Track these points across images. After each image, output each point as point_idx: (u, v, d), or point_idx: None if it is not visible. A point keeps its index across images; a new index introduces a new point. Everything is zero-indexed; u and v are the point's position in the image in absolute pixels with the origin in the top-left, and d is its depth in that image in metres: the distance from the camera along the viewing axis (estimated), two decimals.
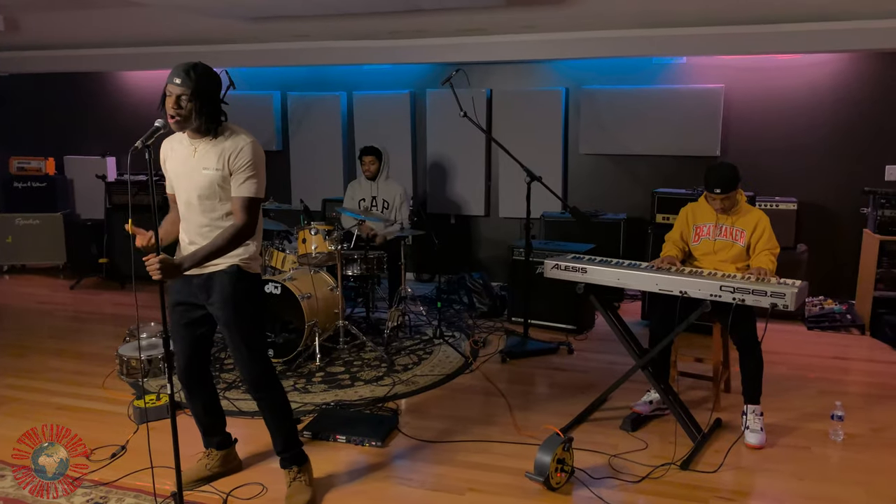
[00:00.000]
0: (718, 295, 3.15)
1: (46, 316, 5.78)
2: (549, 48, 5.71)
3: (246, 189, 2.66)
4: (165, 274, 2.50)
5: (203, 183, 2.65)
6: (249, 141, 2.66)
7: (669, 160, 5.93)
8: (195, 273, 2.72)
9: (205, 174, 2.64)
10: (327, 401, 3.87)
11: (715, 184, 3.57)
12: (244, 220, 2.66)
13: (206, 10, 4.95)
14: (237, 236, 2.65)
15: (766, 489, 3.00)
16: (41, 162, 7.14)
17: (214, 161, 2.64)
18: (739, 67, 5.71)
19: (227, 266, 2.72)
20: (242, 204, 2.66)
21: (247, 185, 2.66)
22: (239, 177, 2.65)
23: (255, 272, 2.81)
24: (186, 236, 2.78)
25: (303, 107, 6.83)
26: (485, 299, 5.59)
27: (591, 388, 4.03)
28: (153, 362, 4.23)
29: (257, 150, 2.68)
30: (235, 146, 2.63)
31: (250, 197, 2.66)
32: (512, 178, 6.23)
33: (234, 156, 2.63)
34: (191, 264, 2.60)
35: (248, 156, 2.64)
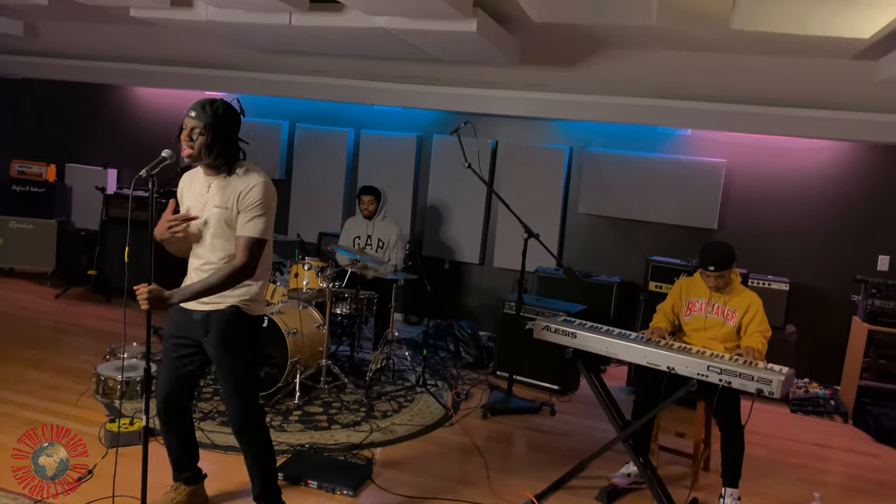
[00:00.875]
0: (705, 374, 3.14)
1: (28, 323, 5.71)
2: (556, 108, 5.79)
3: (251, 229, 2.63)
4: (153, 304, 2.48)
5: (213, 220, 2.65)
6: (261, 181, 2.65)
7: (667, 228, 5.98)
8: (196, 308, 2.70)
9: (215, 212, 2.65)
10: (302, 442, 3.81)
11: (709, 261, 3.59)
12: (244, 260, 2.62)
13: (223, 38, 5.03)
14: (233, 276, 2.61)
15: None
16: (42, 167, 7.13)
17: (225, 199, 2.64)
18: (743, 144, 5.79)
19: (226, 306, 2.69)
20: (245, 244, 2.63)
21: (252, 224, 2.63)
22: (246, 215, 2.63)
23: (256, 314, 2.77)
24: (194, 270, 2.76)
25: (310, 139, 6.88)
26: (471, 349, 5.56)
27: (571, 454, 3.98)
28: (131, 384, 4.16)
29: (269, 190, 2.66)
30: (247, 185, 2.63)
31: (255, 237, 2.63)
32: (509, 229, 6.25)
33: (243, 194, 2.62)
34: (180, 299, 2.57)
35: (258, 195, 2.62)
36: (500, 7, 3.99)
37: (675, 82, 5.11)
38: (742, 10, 3.13)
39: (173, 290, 2.59)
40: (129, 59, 6.66)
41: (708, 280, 3.64)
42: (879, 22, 2.99)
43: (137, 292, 2.47)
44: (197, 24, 4.45)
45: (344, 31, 4.21)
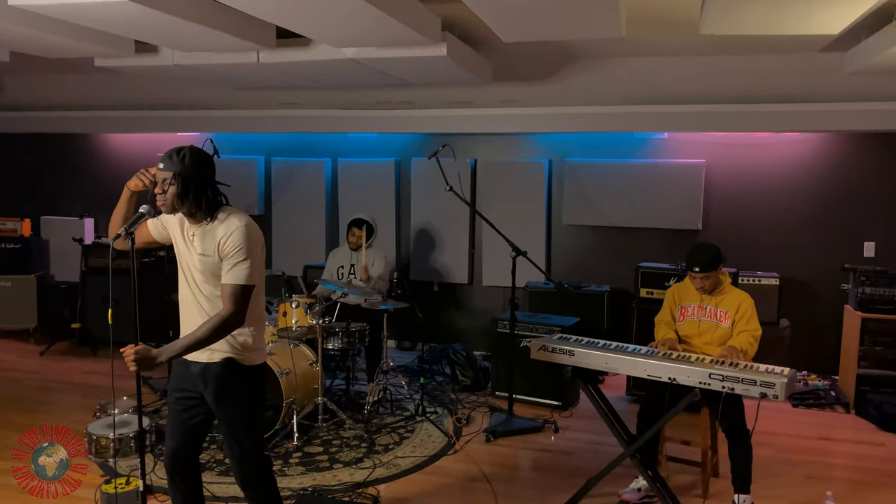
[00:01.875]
0: (707, 383, 3.11)
1: (13, 384, 5.56)
2: (532, 122, 5.79)
3: (234, 276, 2.54)
4: (141, 365, 2.41)
5: (200, 269, 2.59)
6: (241, 224, 2.56)
7: (652, 233, 5.97)
8: (194, 360, 2.63)
9: (202, 260, 2.58)
10: (305, 486, 3.72)
11: (695, 263, 3.58)
12: (230, 309, 2.53)
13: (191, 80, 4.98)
14: (221, 327, 2.52)
15: None
16: (17, 222, 7.01)
17: (206, 247, 2.58)
18: (720, 143, 5.82)
19: (219, 358, 2.62)
20: (230, 291, 2.54)
21: (235, 271, 2.54)
22: (228, 262, 2.54)
23: (253, 364, 2.69)
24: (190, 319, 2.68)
25: (287, 172, 6.82)
26: (468, 371, 5.50)
27: (578, 472, 3.91)
28: (124, 441, 4.04)
29: (251, 233, 2.57)
30: (226, 231, 2.56)
31: (239, 284, 2.54)
32: (496, 247, 6.20)
33: (223, 241, 2.55)
34: (168, 356, 2.50)
35: (238, 240, 2.53)
36: (469, 29, 3.98)
37: (649, 88, 5.13)
38: (710, 15, 3.13)
39: (161, 348, 2.51)
40: (97, 106, 6.59)
41: (695, 282, 3.62)
42: (849, 17, 3.00)
43: (124, 354, 2.39)
44: (164, 70, 4.40)
45: (312, 64, 4.17)
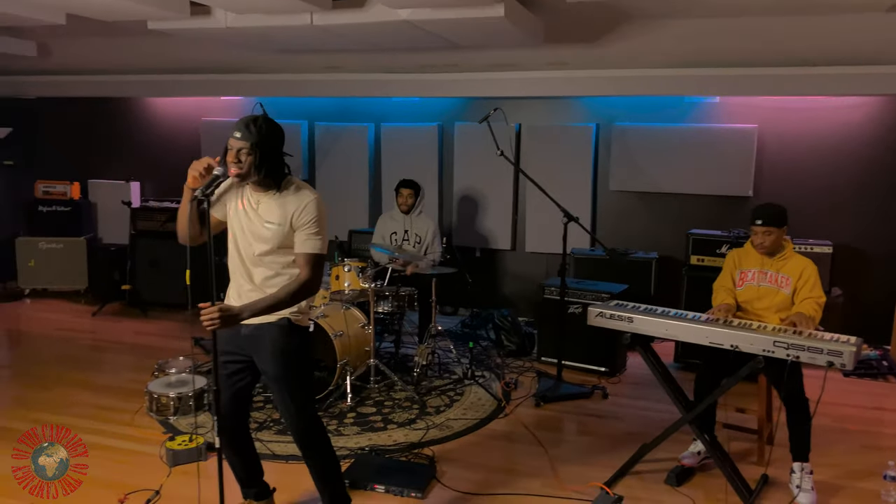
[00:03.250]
0: (771, 350, 3.07)
1: (67, 344, 5.72)
2: (580, 85, 5.68)
3: (311, 245, 2.63)
4: (224, 323, 2.44)
5: (266, 237, 2.62)
6: (314, 197, 2.64)
7: (701, 199, 5.88)
8: (244, 323, 2.67)
9: (268, 228, 2.61)
10: (362, 445, 3.79)
11: (758, 215, 3.54)
12: (310, 275, 2.62)
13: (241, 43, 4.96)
14: (301, 291, 2.60)
15: None
16: (66, 186, 7.13)
17: (278, 216, 2.61)
18: (773, 108, 5.67)
19: (277, 319, 2.66)
20: (308, 260, 2.63)
21: (312, 240, 2.63)
22: (303, 232, 2.62)
23: (305, 325, 2.75)
24: (239, 287, 2.72)
25: (330, 137, 6.82)
26: (513, 337, 5.52)
27: (630, 438, 3.93)
28: (183, 400, 4.16)
29: (321, 206, 2.66)
30: (300, 202, 2.60)
31: (316, 253, 2.63)
32: (540, 213, 6.19)
33: (298, 212, 2.60)
34: (250, 314, 2.54)
35: (314, 212, 2.62)
36: None
37: (701, 50, 4.99)
38: None
39: (243, 306, 2.56)
40: (141, 70, 6.61)
41: (756, 237, 3.56)
42: None
43: (204, 312, 2.42)
44: (216, 33, 4.39)
45: (365, 26, 4.13)
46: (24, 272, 6.99)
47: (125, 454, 3.71)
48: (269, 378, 2.71)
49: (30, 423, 4.07)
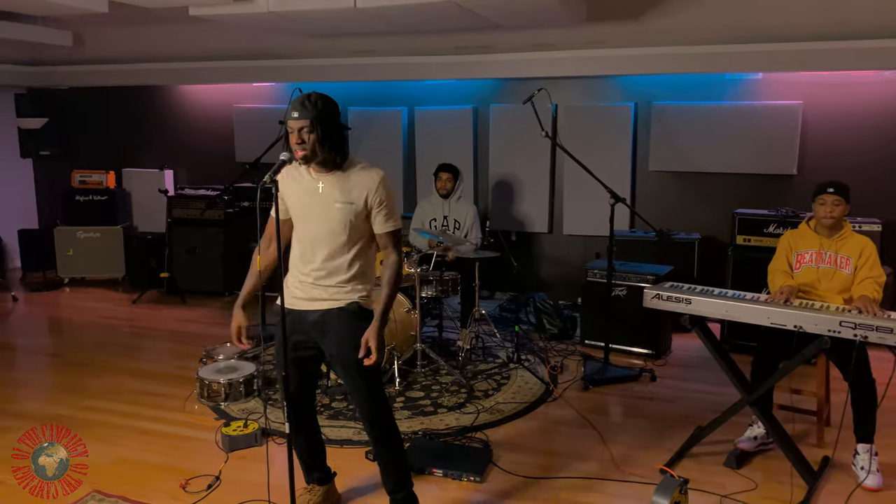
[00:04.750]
0: (837, 331, 3.01)
1: (110, 331, 5.77)
2: (618, 64, 5.59)
3: (392, 224, 2.67)
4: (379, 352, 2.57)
5: (335, 217, 2.58)
6: (383, 175, 2.64)
7: (742, 178, 5.78)
8: (310, 308, 2.66)
9: (337, 208, 2.58)
10: (414, 429, 3.79)
11: (829, 183, 3.48)
12: (397, 252, 2.69)
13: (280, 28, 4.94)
14: (398, 272, 2.68)
15: None
16: (102, 175, 7.17)
17: (347, 194, 2.58)
18: (818, 83, 5.54)
19: (346, 303, 2.64)
20: (391, 239, 2.68)
21: (393, 219, 2.67)
22: (382, 212, 2.64)
23: (371, 308, 2.74)
24: (304, 269, 2.69)
25: (363, 121, 6.78)
26: (555, 320, 5.48)
27: (683, 420, 3.90)
28: (234, 386, 4.18)
29: (389, 183, 2.66)
30: (371, 181, 2.58)
31: (398, 230, 2.69)
32: (578, 194, 6.13)
33: (373, 192, 2.59)
34: (383, 322, 2.62)
35: (387, 191, 2.64)
36: None
37: (743, 25, 4.89)
38: None
39: (373, 325, 2.59)
40: (174, 58, 6.62)
41: (823, 208, 3.47)
42: None
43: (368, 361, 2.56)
44: (257, 17, 4.37)
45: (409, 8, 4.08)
46: (62, 261, 7.06)
47: (181, 440, 3.73)
48: (339, 362, 2.70)
49: (83, 410, 4.13)
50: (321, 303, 2.67)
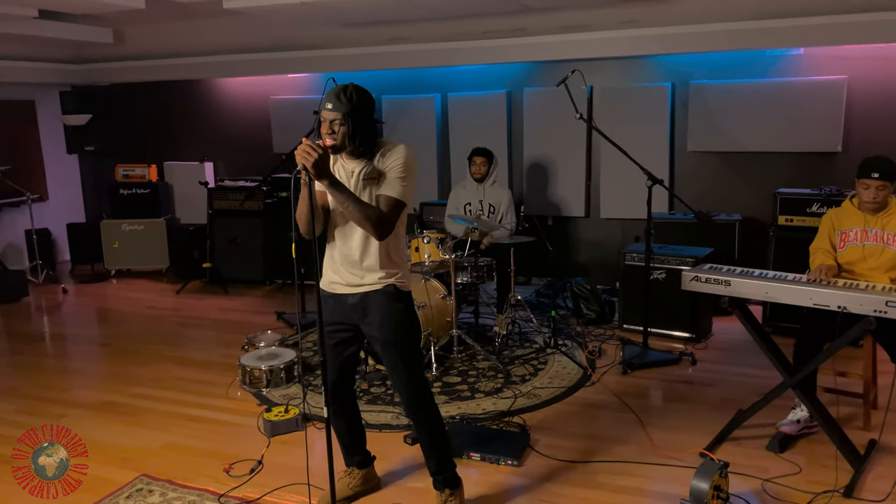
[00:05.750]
0: (884, 311, 2.92)
1: (156, 321, 5.93)
2: (654, 43, 5.49)
3: (392, 189, 2.58)
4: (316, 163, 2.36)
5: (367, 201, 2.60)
6: (405, 146, 2.63)
7: (784, 157, 5.64)
8: (349, 292, 2.69)
9: (368, 192, 2.60)
10: (452, 414, 3.81)
11: (874, 168, 3.35)
12: (386, 213, 2.57)
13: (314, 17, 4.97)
14: (375, 218, 2.53)
15: None
16: (145, 169, 7.35)
17: (376, 178, 2.60)
18: (863, 57, 5.36)
19: (383, 286, 2.67)
20: (386, 202, 2.58)
21: (394, 184, 2.58)
22: (388, 176, 2.59)
23: (408, 290, 2.76)
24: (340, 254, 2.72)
25: (397, 110, 6.80)
26: (592, 305, 5.44)
27: (724, 404, 3.85)
28: (275, 372, 4.26)
29: (412, 155, 2.62)
30: (395, 155, 2.60)
31: (396, 197, 2.58)
32: (615, 177, 6.06)
33: (385, 158, 2.59)
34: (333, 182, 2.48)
35: (403, 158, 2.59)
36: None
37: None
38: None
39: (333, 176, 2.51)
40: (213, 51, 6.72)
41: (868, 192, 3.36)
42: None
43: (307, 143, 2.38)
44: (291, 8, 4.40)
45: None
46: (109, 254, 7.27)
47: (225, 426, 3.83)
48: (378, 344, 2.73)
49: (131, 397, 4.26)
50: (359, 287, 2.70)
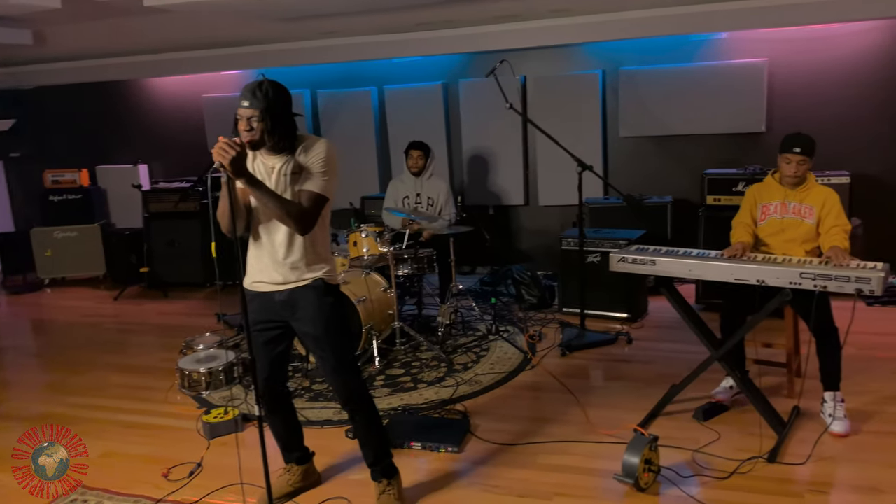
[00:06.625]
0: (798, 282, 3.07)
1: (94, 329, 5.79)
2: (584, 31, 5.59)
3: (315, 184, 2.57)
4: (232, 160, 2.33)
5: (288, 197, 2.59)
6: (326, 141, 2.63)
7: (713, 139, 5.82)
8: (277, 289, 2.68)
9: (289, 188, 2.59)
10: (394, 406, 3.84)
11: (795, 143, 3.48)
12: (308, 209, 2.55)
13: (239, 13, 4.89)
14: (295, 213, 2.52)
15: (860, 480, 2.93)
16: (75, 174, 7.14)
17: (296, 173, 2.59)
18: (782, 40, 5.56)
19: (311, 281, 2.67)
20: (308, 196, 2.56)
21: (317, 180, 2.57)
22: (309, 171, 2.58)
23: (337, 284, 2.76)
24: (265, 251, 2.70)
25: (333, 104, 6.76)
26: (533, 291, 5.53)
27: (659, 380, 3.96)
28: (214, 374, 4.20)
29: (333, 150, 2.62)
30: (315, 149, 2.59)
31: (319, 193, 2.57)
32: (551, 165, 6.15)
33: (307, 153, 2.59)
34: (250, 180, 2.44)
35: (325, 154, 2.58)
36: None
37: None
38: None
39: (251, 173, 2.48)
40: (141, 50, 6.56)
41: (789, 167, 3.50)
42: None
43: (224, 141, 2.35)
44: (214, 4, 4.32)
45: None
46: (41, 262, 7.04)
47: (164, 430, 3.77)
48: (309, 340, 2.74)
49: (67, 406, 4.16)
50: (287, 284, 2.69)
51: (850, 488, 2.89)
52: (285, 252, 2.66)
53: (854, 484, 2.91)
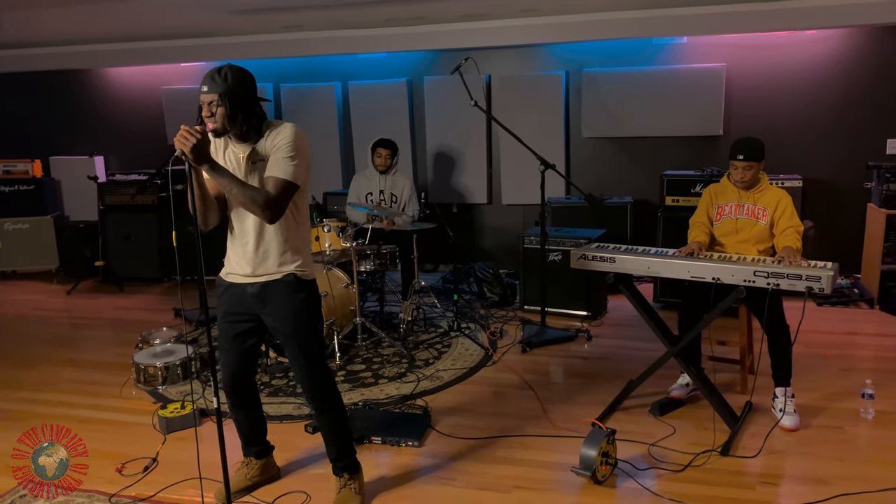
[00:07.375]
0: (752, 280, 3.15)
1: (46, 323, 5.63)
2: (548, 32, 5.64)
3: (281, 169, 2.47)
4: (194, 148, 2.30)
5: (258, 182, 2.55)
6: (293, 125, 2.54)
7: (672, 141, 5.93)
8: (249, 282, 2.64)
9: (259, 178, 2.55)
10: (355, 401, 3.82)
11: (739, 150, 3.57)
12: (275, 195, 2.46)
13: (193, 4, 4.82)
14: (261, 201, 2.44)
15: (809, 472, 3.02)
16: (28, 164, 6.93)
17: (266, 161, 2.54)
18: (740, 45, 5.70)
19: (283, 275, 2.63)
20: (274, 183, 2.47)
21: (283, 164, 2.48)
22: (275, 156, 2.50)
23: (311, 279, 2.72)
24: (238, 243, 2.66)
25: (296, 98, 6.70)
26: (495, 288, 5.56)
27: (616, 376, 4.02)
28: (171, 369, 4.14)
29: (300, 135, 2.53)
30: (282, 134, 2.52)
31: (286, 179, 2.48)
32: (515, 164, 6.19)
33: (273, 139, 2.52)
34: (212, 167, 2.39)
35: (290, 137, 2.49)
36: None
37: None
38: None
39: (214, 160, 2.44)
40: (99, 39, 6.40)
41: (736, 172, 3.60)
42: None
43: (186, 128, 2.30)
44: None
45: None
46: None
47: (119, 426, 3.69)
48: (280, 334, 2.69)
49: (18, 402, 4.04)
50: (259, 277, 2.65)
51: (799, 480, 2.97)
52: (255, 242, 2.61)
53: (802, 476, 3.00)
